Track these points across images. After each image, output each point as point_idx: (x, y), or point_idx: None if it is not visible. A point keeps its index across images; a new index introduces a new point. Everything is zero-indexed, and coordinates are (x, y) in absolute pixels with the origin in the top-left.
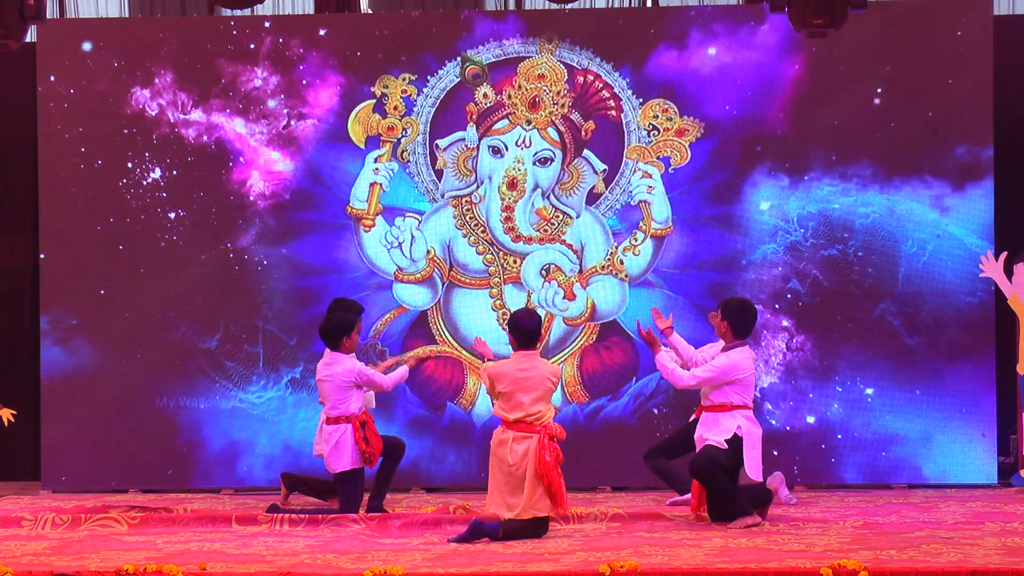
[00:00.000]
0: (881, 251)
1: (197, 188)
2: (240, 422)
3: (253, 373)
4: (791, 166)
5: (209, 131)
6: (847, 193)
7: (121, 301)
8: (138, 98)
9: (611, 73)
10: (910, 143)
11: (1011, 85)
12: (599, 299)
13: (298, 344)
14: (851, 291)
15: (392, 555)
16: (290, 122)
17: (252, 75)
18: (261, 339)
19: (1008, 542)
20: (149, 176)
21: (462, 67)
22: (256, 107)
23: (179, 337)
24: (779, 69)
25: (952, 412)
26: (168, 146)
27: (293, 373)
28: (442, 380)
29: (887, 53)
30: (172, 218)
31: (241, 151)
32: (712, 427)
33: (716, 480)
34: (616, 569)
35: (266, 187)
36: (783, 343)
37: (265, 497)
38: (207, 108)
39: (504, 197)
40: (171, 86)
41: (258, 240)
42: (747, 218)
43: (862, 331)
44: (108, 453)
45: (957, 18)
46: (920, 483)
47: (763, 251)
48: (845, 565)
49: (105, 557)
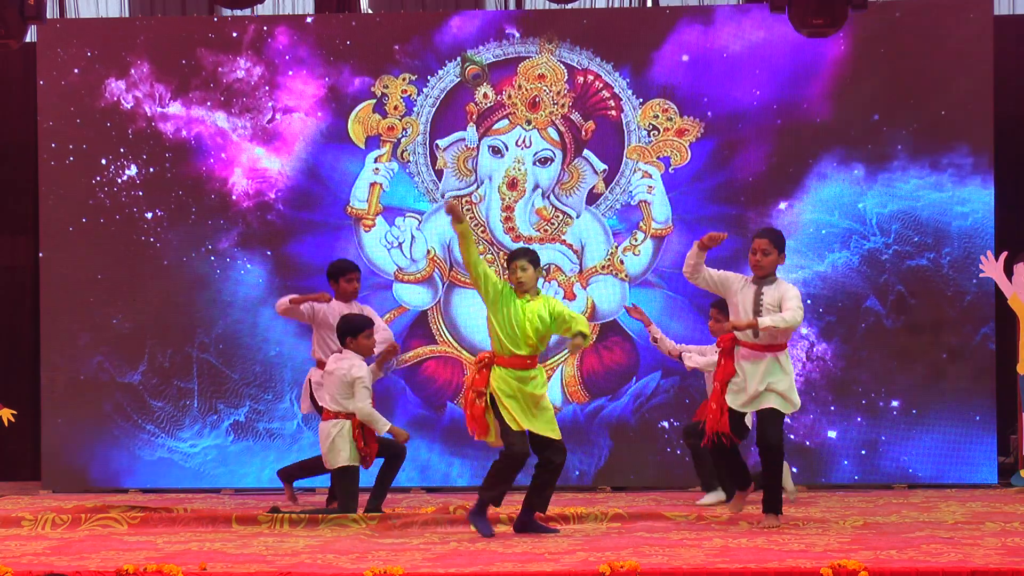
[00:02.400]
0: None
1: (175, 186)
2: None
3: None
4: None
5: (188, 125)
6: (856, 184)
7: (117, 302)
8: (112, 90)
9: (611, 73)
10: (911, 145)
11: (1011, 85)
12: (599, 299)
13: (241, 379)
14: (858, 292)
15: (392, 555)
16: (274, 116)
17: (256, 73)
18: (196, 372)
19: (1008, 542)
20: (124, 173)
21: (462, 67)
22: (251, 108)
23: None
24: (779, 70)
25: (952, 412)
26: (144, 141)
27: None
28: (442, 380)
29: (887, 52)
30: (149, 218)
31: (224, 146)
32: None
33: (780, 464)
34: (616, 569)
35: (250, 185)
36: (802, 352)
37: (265, 497)
38: (186, 101)
39: (504, 197)
40: (148, 77)
41: (241, 242)
42: (746, 218)
43: (862, 331)
44: (108, 453)
45: (957, 18)
46: (920, 483)
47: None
48: (845, 565)
49: (105, 557)
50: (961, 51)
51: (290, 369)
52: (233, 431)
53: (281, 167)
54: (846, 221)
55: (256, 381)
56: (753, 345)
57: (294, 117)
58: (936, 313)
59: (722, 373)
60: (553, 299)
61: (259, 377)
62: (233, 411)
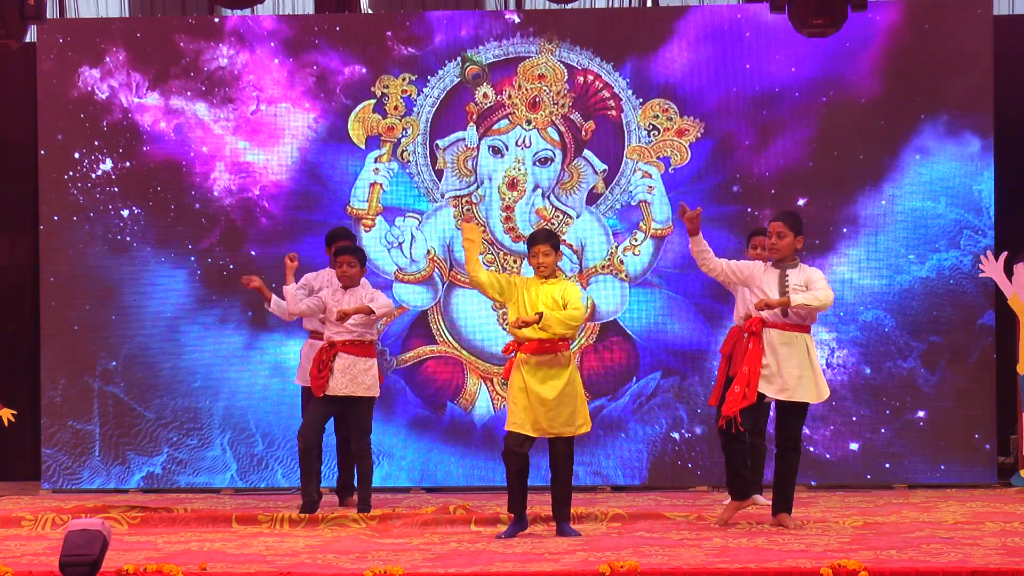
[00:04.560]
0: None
1: (153, 182)
2: None
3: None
4: None
5: (168, 116)
6: None
7: (112, 303)
8: (86, 79)
9: (611, 73)
10: (911, 146)
11: (1011, 85)
12: (599, 299)
13: (158, 417)
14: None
15: (392, 555)
16: (259, 107)
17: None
18: (97, 409)
19: (1008, 542)
20: (99, 168)
21: (462, 67)
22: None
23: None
24: (780, 70)
25: (952, 412)
26: (121, 134)
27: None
28: (442, 380)
29: (886, 53)
30: (125, 216)
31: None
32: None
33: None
34: (616, 569)
35: (232, 181)
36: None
37: (266, 497)
38: (164, 91)
39: (504, 197)
40: (124, 65)
41: (223, 242)
42: (746, 218)
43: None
44: (108, 453)
45: (957, 18)
46: (920, 483)
47: None
48: (845, 565)
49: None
50: (961, 51)
51: None
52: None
53: (267, 160)
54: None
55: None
56: (785, 325)
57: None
58: (936, 312)
59: (751, 358)
60: (572, 284)
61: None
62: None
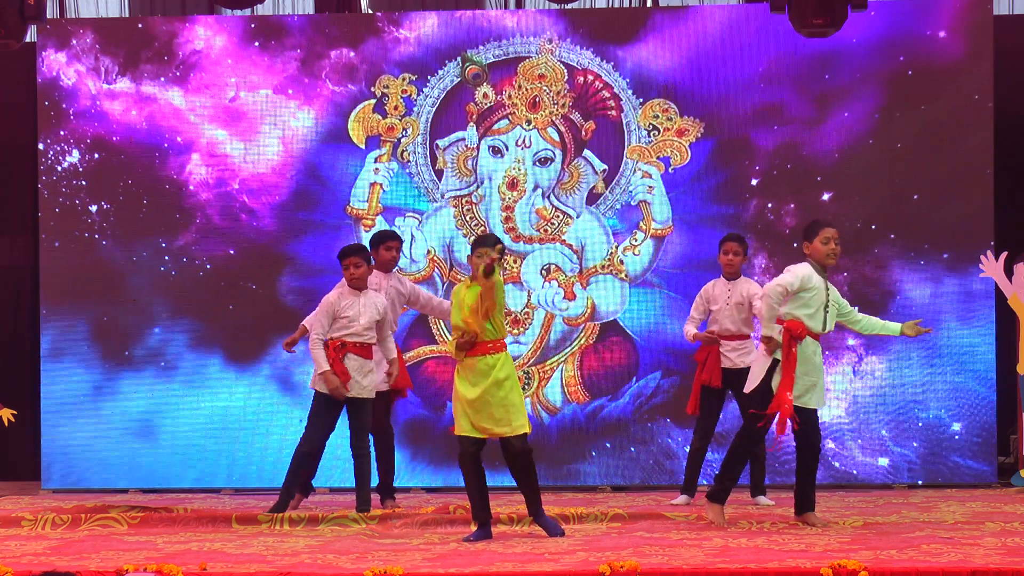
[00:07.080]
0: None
1: (124, 175)
2: None
3: None
4: None
5: (140, 105)
6: None
7: (112, 303)
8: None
9: (611, 73)
10: (911, 146)
11: (1011, 85)
12: (599, 299)
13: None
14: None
15: (392, 555)
16: (238, 94)
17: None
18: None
19: (1008, 542)
20: (65, 160)
21: (462, 67)
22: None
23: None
24: (780, 70)
25: (952, 411)
26: (88, 123)
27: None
28: (442, 380)
29: (886, 52)
30: (93, 211)
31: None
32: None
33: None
34: (616, 569)
35: (209, 173)
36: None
37: (266, 497)
38: (136, 76)
39: (504, 197)
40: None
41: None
42: (747, 218)
43: None
44: (108, 453)
45: (957, 18)
46: (920, 483)
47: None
48: (845, 565)
49: (105, 557)
50: (961, 51)
51: None
52: None
53: (248, 153)
54: None
55: None
56: (815, 335)
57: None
58: (935, 311)
59: (792, 365)
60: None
61: None
62: None
